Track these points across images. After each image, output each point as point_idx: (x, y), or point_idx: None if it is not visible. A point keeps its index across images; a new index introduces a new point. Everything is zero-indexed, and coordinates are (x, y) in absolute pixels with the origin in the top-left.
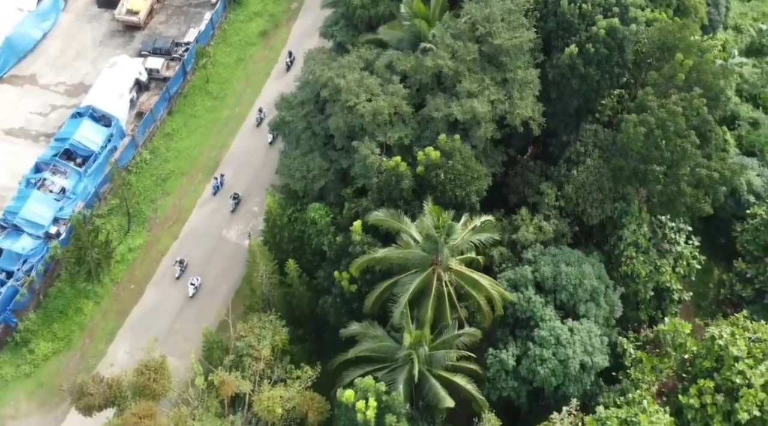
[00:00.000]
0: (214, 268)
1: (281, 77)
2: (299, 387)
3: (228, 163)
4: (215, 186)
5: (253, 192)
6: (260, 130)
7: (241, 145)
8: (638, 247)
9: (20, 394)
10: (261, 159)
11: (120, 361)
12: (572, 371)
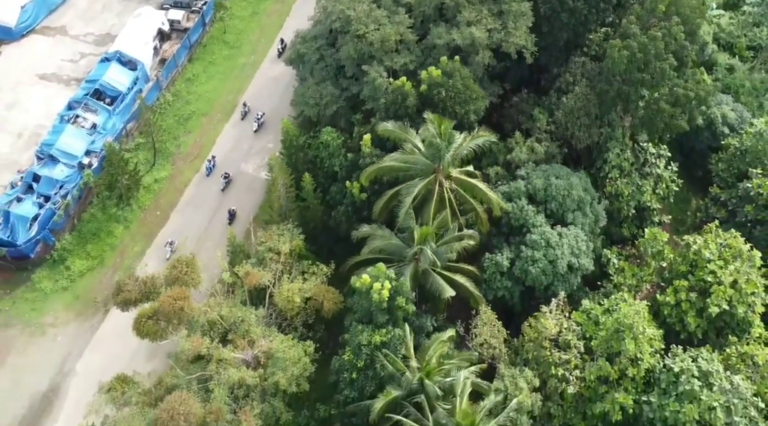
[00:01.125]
0: (233, 197)
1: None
2: (316, 281)
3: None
4: (208, 168)
5: (269, 128)
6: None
7: (256, 89)
8: (622, 170)
9: (58, 305)
10: (276, 100)
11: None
12: (561, 271)
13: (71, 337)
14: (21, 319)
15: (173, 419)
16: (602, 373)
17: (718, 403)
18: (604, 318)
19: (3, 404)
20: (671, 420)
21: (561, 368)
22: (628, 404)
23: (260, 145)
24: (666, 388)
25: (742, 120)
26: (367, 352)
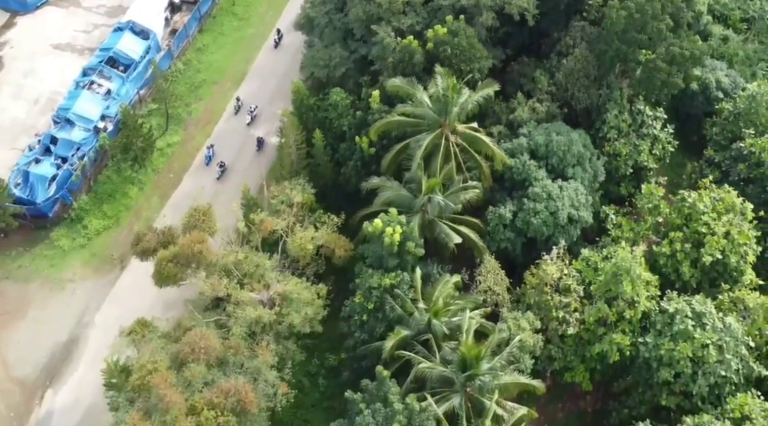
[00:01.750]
0: (243, 162)
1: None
2: (327, 230)
3: (252, 75)
4: (207, 156)
5: (277, 97)
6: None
7: (263, 60)
8: (620, 131)
9: (76, 262)
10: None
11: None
12: (561, 222)
13: (89, 291)
14: (40, 274)
15: (194, 352)
16: (601, 315)
17: (710, 341)
18: (602, 264)
19: (25, 354)
20: (666, 358)
21: (561, 311)
22: (625, 345)
23: (270, 111)
24: (661, 330)
25: (736, 85)
26: (377, 294)
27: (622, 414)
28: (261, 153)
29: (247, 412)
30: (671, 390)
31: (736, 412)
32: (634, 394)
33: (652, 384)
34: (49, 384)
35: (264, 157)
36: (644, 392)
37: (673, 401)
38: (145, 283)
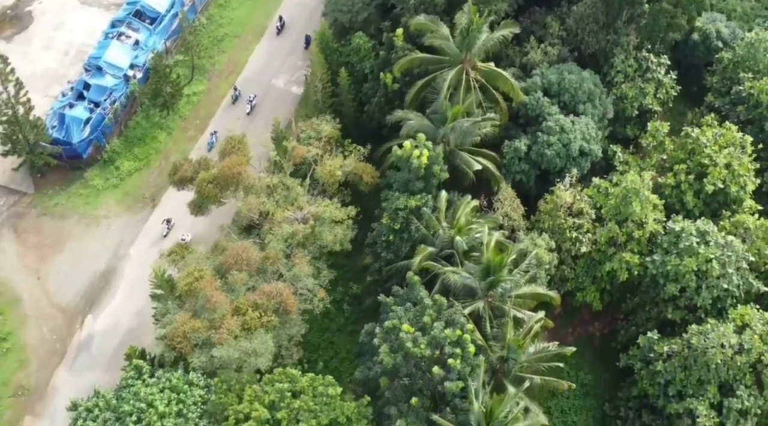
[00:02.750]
0: (266, 108)
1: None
2: (355, 158)
3: (272, 30)
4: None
5: (297, 48)
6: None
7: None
8: (626, 75)
9: (110, 201)
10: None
11: None
12: (573, 154)
13: (123, 227)
14: (76, 211)
15: (236, 263)
16: (611, 235)
17: (714, 257)
18: (613, 190)
19: (65, 283)
20: (672, 273)
21: (575, 232)
22: (634, 264)
23: (291, 62)
24: (668, 248)
25: (735, 36)
26: (404, 215)
27: (630, 332)
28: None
29: (288, 313)
30: (676, 305)
31: (737, 321)
32: (641, 312)
33: (658, 301)
34: (89, 310)
35: (284, 107)
36: (650, 310)
37: (678, 315)
38: (177, 220)
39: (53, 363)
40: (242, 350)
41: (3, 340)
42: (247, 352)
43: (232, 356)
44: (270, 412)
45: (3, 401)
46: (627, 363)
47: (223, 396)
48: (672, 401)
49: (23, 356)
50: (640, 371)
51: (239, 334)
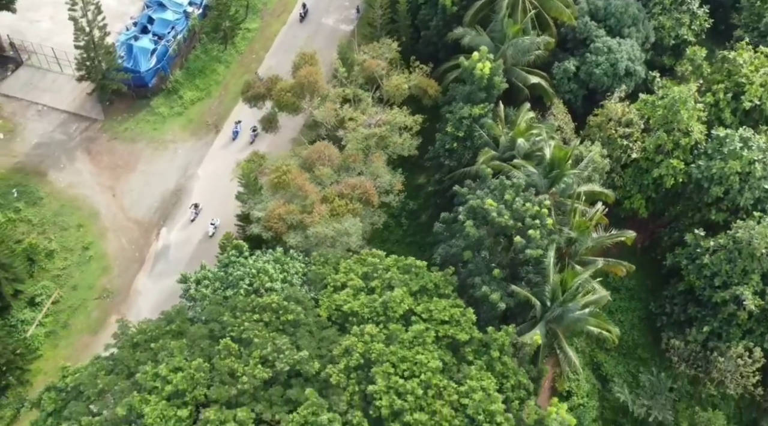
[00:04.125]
0: (318, 44)
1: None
2: (419, 74)
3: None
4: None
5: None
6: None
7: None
8: (664, 7)
9: (176, 126)
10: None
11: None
12: (620, 73)
13: (189, 151)
14: (145, 136)
15: (320, 159)
16: (660, 142)
17: (756, 159)
18: (659, 102)
19: (139, 199)
20: (717, 176)
21: (625, 140)
22: (680, 168)
23: (339, 2)
24: (712, 154)
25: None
26: (467, 123)
27: (673, 237)
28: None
29: (370, 203)
30: (719, 207)
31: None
32: (684, 219)
33: (701, 205)
34: (163, 223)
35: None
36: (693, 215)
37: (721, 216)
38: (239, 145)
39: (133, 270)
40: (335, 229)
41: (86, 249)
42: (339, 232)
43: (327, 234)
44: (364, 281)
45: (90, 303)
46: (674, 261)
47: (321, 267)
48: (718, 291)
49: (105, 264)
50: (687, 267)
51: (329, 219)
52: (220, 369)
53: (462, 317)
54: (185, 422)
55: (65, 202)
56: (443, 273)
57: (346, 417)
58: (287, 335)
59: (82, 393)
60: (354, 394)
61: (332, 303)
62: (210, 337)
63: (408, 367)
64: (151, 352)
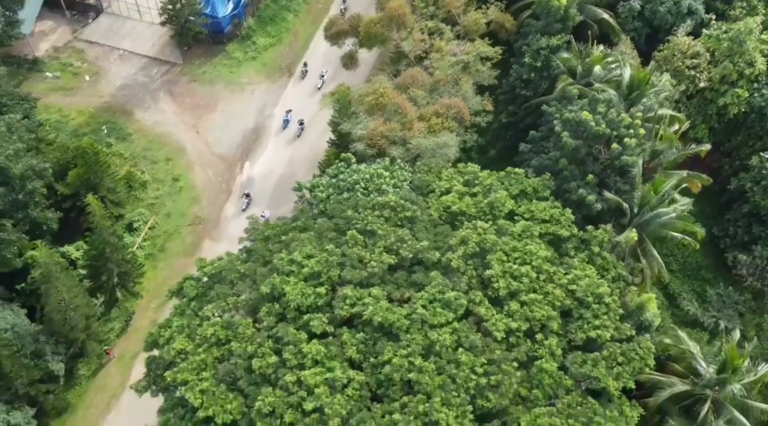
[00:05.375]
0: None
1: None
2: (496, 9)
3: None
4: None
5: None
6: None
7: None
8: None
9: (250, 70)
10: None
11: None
12: (683, 10)
13: (265, 92)
14: (222, 79)
15: (413, 82)
16: (726, 72)
17: None
18: (724, 35)
19: (221, 137)
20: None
21: (692, 70)
22: (744, 97)
23: None
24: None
25: None
26: (544, 54)
27: (734, 165)
28: None
29: (463, 121)
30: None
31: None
32: (745, 147)
33: (762, 134)
34: (245, 158)
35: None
36: (754, 143)
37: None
38: (312, 88)
39: (221, 200)
40: (434, 142)
41: (175, 180)
42: (438, 144)
43: (428, 146)
44: (466, 187)
45: (183, 229)
46: (739, 185)
47: (426, 175)
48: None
49: (195, 194)
50: (752, 188)
51: (427, 135)
52: (349, 256)
53: (561, 216)
54: (323, 298)
55: (153, 138)
56: (541, 178)
57: (468, 296)
58: (406, 230)
59: (223, 278)
60: (472, 278)
61: (441, 204)
62: (335, 231)
63: (519, 256)
64: (282, 244)
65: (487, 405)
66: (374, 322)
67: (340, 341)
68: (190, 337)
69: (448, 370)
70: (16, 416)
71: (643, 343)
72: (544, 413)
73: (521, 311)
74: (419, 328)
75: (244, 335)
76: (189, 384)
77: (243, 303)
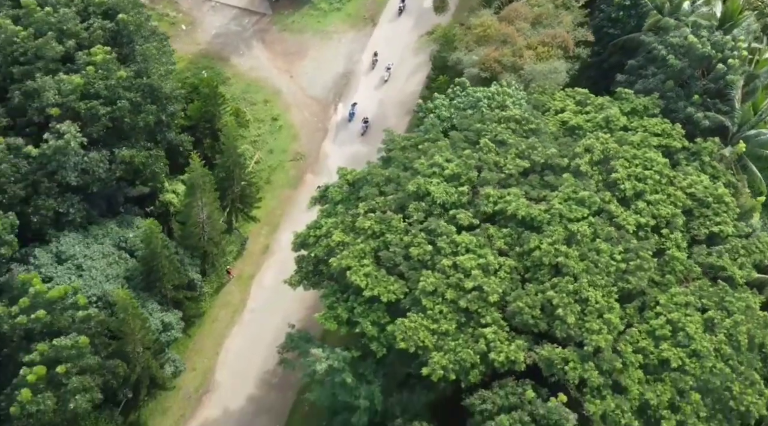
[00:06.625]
0: None
1: None
2: None
3: None
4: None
5: None
6: None
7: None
8: None
9: (336, 20)
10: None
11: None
12: None
13: (351, 40)
14: (310, 28)
15: (517, 16)
16: None
17: None
18: None
19: (313, 81)
20: None
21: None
22: None
23: None
24: None
25: None
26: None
27: None
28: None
29: (567, 50)
30: None
31: None
32: None
33: None
34: (338, 100)
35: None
36: None
37: None
38: (396, 34)
39: (319, 137)
40: (545, 67)
41: (275, 120)
42: (549, 70)
43: (540, 70)
44: (578, 107)
45: (286, 164)
46: None
47: (540, 96)
48: None
49: (293, 132)
50: None
51: (536, 62)
52: (485, 160)
53: (672, 131)
54: (466, 196)
55: (250, 82)
56: (650, 97)
57: (599, 196)
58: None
59: (369, 182)
60: (599, 182)
61: (558, 120)
62: (466, 141)
63: (640, 162)
64: (419, 152)
65: (628, 286)
66: (518, 216)
67: (486, 234)
68: (345, 232)
69: (590, 256)
70: (168, 316)
71: (762, 238)
72: (680, 292)
73: (648, 209)
74: (558, 221)
75: (397, 228)
76: (353, 269)
77: (391, 202)
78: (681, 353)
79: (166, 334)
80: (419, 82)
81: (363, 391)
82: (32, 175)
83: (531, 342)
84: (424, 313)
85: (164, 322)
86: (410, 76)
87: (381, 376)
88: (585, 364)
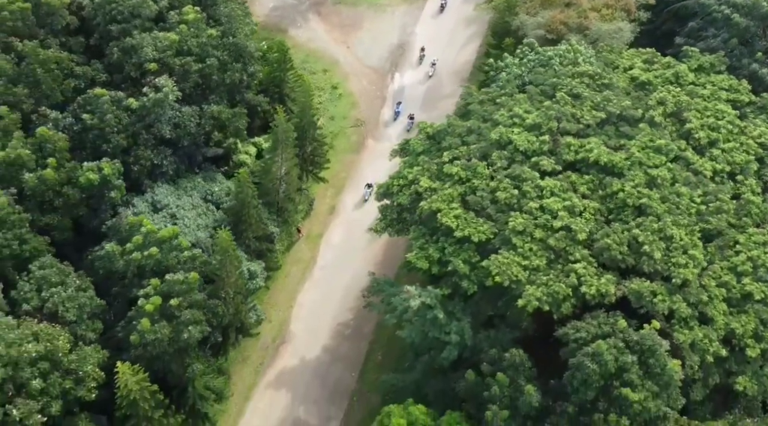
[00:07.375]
0: None
1: None
2: None
3: None
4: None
5: None
6: None
7: None
8: None
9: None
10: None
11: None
12: None
13: (404, 14)
14: (364, 1)
15: None
16: None
17: None
18: None
19: (370, 51)
20: None
21: None
22: None
23: None
24: None
25: None
26: None
27: None
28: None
29: (630, 13)
30: None
31: None
32: None
33: None
34: (395, 69)
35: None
36: None
37: None
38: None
39: (377, 105)
40: (611, 27)
41: (334, 88)
42: (615, 30)
43: (606, 30)
44: (646, 65)
45: (347, 130)
46: None
47: (608, 54)
48: None
49: (353, 100)
50: None
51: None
52: (563, 112)
53: (739, 86)
54: (547, 144)
55: (308, 53)
56: (716, 55)
57: (673, 144)
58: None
59: (451, 133)
60: (672, 132)
61: (627, 77)
62: (542, 95)
63: (711, 114)
64: (497, 106)
65: (708, 227)
66: (600, 163)
67: (569, 180)
68: (431, 179)
69: (671, 199)
70: (254, 266)
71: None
72: (758, 233)
73: (723, 156)
74: (638, 167)
75: (483, 174)
76: (443, 211)
77: (474, 151)
78: (763, 287)
79: (252, 281)
80: (462, 79)
81: (453, 327)
82: (132, 126)
83: (618, 277)
84: (515, 250)
85: (250, 270)
86: (452, 74)
87: (468, 315)
88: (673, 296)
